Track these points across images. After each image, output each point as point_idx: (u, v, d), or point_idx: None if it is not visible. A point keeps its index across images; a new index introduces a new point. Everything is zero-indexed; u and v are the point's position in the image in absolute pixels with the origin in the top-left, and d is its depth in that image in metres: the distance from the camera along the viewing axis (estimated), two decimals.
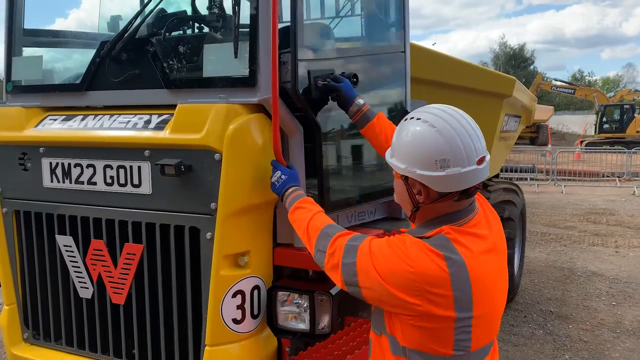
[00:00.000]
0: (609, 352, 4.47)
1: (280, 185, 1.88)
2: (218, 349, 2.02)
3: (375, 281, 1.46)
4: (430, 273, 1.41)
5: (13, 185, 2.38)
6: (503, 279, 1.61)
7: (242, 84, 1.98)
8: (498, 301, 1.57)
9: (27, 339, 2.47)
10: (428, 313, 1.43)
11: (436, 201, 1.52)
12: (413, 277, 1.42)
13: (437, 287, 1.42)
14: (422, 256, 1.44)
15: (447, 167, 1.46)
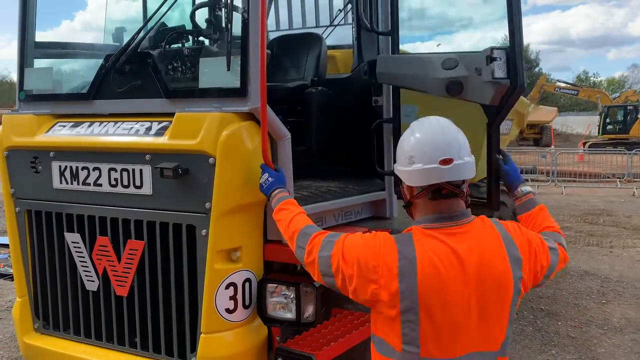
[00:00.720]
0: (595, 347, 4.62)
1: (267, 187, 2.07)
2: (212, 336, 2.21)
3: (343, 269, 1.65)
4: (384, 263, 1.59)
5: (25, 186, 2.58)
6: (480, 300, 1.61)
7: (234, 94, 2.17)
8: (460, 316, 1.59)
9: (38, 329, 2.67)
10: (380, 300, 1.60)
11: (415, 197, 1.72)
12: (371, 265, 1.61)
13: (386, 276, 1.58)
14: (384, 248, 1.63)
15: (413, 163, 1.67)
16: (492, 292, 1.63)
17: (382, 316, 1.64)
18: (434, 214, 1.68)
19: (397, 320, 1.59)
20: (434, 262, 1.59)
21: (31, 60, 2.72)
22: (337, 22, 4.12)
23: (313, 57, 3.56)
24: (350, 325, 2.45)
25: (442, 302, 1.58)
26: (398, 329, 1.60)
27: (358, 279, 1.62)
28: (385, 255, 1.61)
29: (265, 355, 2.33)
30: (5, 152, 2.61)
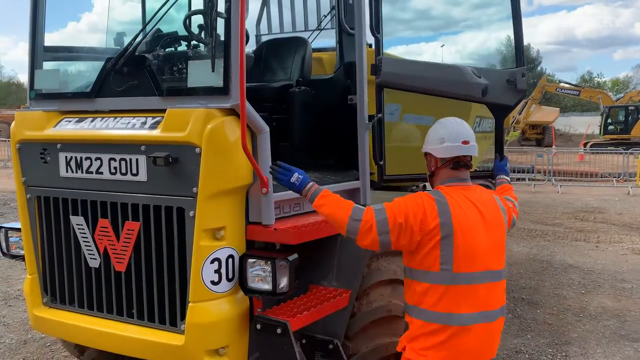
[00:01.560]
0: (569, 332, 4.89)
1: (299, 184, 2.45)
2: (199, 305, 2.51)
3: (398, 223, 2.21)
4: (426, 207, 2.25)
5: (35, 175, 2.89)
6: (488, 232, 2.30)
7: (217, 92, 2.47)
8: (479, 241, 2.26)
9: (46, 303, 2.98)
10: (426, 235, 2.22)
11: (439, 167, 2.43)
12: (417, 213, 2.23)
13: (430, 214, 2.23)
14: (423, 198, 2.30)
15: (443, 142, 2.41)
16: (495, 227, 2.35)
17: (422, 251, 2.25)
18: (451, 178, 2.41)
19: (437, 247, 2.22)
20: (458, 204, 2.28)
21: (40, 62, 3.03)
22: (323, 27, 4.41)
23: (298, 59, 3.86)
24: (323, 298, 2.75)
25: (468, 230, 2.24)
26: (437, 254, 2.23)
27: (408, 226, 2.22)
28: (425, 204, 2.25)
29: (247, 323, 2.62)
30: (17, 144, 2.92)
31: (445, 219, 2.23)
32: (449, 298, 2.23)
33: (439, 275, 2.23)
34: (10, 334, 4.72)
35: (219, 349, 2.55)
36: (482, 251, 2.27)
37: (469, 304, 2.23)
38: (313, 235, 2.67)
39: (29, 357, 4.28)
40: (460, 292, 2.23)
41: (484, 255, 2.28)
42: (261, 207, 2.59)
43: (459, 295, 2.23)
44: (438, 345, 2.24)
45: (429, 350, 2.26)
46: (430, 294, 2.25)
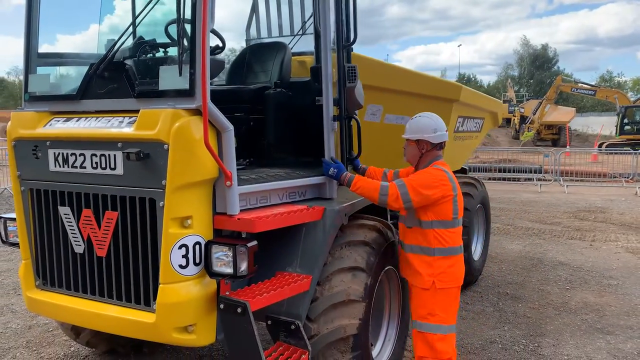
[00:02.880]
0: (546, 325, 5.05)
1: (337, 174, 3.38)
2: (169, 287, 2.78)
3: (416, 191, 3.19)
4: (440, 175, 3.29)
5: (28, 169, 3.20)
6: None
7: (184, 94, 2.73)
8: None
9: (38, 286, 3.29)
10: (441, 194, 3.24)
11: (430, 150, 3.38)
12: (433, 179, 3.26)
13: (444, 180, 3.27)
14: (435, 170, 3.33)
15: (436, 132, 3.37)
16: None
17: (439, 206, 3.25)
18: (438, 156, 3.43)
19: (450, 203, 3.29)
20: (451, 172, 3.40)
21: (34, 67, 3.34)
22: (304, 31, 4.65)
23: (278, 63, 4.11)
24: (285, 283, 3.00)
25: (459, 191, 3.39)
26: (451, 207, 3.29)
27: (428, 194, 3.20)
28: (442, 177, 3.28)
29: (214, 304, 2.88)
30: (13, 142, 3.23)
31: (453, 183, 3.31)
32: (455, 237, 3.32)
33: (452, 222, 3.30)
34: (17, 320, 5.07)
35: (187, 327, 2.82)
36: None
37: (460, 239, 3.38)
38: (274, 224, 2.92)
39: (33, 340, 4.62)
40: (458, 232, 3.36)
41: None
42: (226, 199, 2.85)
43: (459, 234, 3.37)
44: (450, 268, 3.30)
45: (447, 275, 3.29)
46: (447, 235, 3.28)
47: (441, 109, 5.27)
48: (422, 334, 3.34)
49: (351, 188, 3.32)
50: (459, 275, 3.35)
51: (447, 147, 5.59)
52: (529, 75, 61.08)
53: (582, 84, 32.11)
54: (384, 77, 4.56)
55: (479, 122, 6.41)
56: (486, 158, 19.49)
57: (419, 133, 3.37)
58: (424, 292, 3.31)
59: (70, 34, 3.60)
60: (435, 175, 3.26)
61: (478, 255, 6.25)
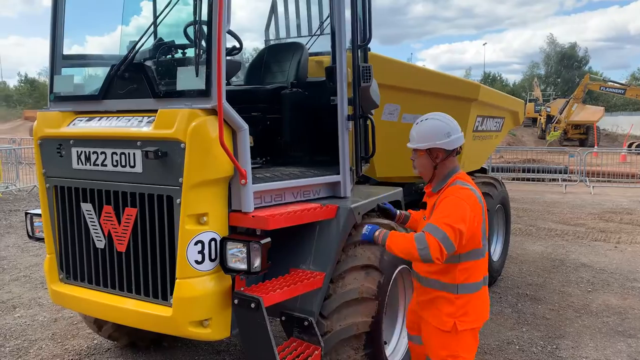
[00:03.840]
0: (565, 327, 4.99)
1: (369, 234, 2.90)
2: (185, 281, 2.86)
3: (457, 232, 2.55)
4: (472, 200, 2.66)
5: (53, 167, 3.32)
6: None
7: (201, 94, 2.81)
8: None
9: (62, 279, 3.41)
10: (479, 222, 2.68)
11: (445, 158, 2.76)
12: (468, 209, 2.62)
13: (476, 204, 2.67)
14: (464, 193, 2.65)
15: (450, 136, 2.75)
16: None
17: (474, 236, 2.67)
18: (457, 167, 2.81)
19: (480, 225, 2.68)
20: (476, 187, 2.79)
21: (59, 69, 3.47)
22: (322, 32, 4.69)
23: (295, 63, 4.17)
24: (298, 279, 3.05)
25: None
26: (480, 232, 2.70)
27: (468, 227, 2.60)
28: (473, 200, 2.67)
29: (229, 299, 2.95)
30: (39, 140, 3.36)
31: (482, 203, 2.74)
32: (482, 268, 2.77)
33: (481, 250, 2.74)
34: (44, 313, 5.24)
35: (202, 321, 2.90)
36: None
37: (486, 269, 2.82)
38: (288, 222, 2.97)
39: (58, 332, 4.77)
40: (485, 262, 2.79)
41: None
42: (241, 197, 2.91)
43: (484, 264, 2.79)
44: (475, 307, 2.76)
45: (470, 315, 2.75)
46: (474, 268, 2.74)
47: (460, 109, 5.27)
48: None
49: (387, 248, 2.80)
50: (484, 313, 2.83)
51: (466, 147, 5.63)
52: (557, 74, 59.91)
53: (612, 82, 31.33)
54: (401, 76, 4.57)
55: (499, 122, 6.36)
56: (511, 158, 19.23)
57: (429, 140, 2.73)
58: (443, 333, 2.79)
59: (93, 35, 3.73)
60: (468, 201, 2.62)
61: (497, 256, 6.20)
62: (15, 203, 11.37)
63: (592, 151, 18.42)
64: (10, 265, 6.78)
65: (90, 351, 4.39)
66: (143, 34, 3.03)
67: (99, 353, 4.35)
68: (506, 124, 6.70)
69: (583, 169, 15.55)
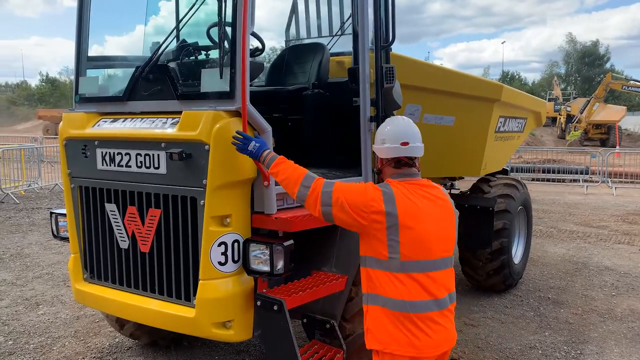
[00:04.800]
0: (589, 332, 4.90)
1: (257, 151, 2.66)
2: (208, 283, 2.87)
3: (339, 202, 2.35)
4: (372, 196, 2.33)
5: (78, 168, 3.35)
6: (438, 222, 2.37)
7: (225, 96, 2.81)
8: (428, 230, 2.32)
9: (86, 279, 3.45)
10: (370, 220, 2.30)
11: (384, 165, 2.53)
12: (363, 200, 2.33)
13: (375, 202, 2.30)
14: (370, 189, 2.38)
15: (384, 143, 2.50)
16: (445, 217, 2.44)
17: (371, 238, 2.34)
18: (395, 175, 2.48)
19: (384, 236, 2.29)
20: (405, 195, 2.35)
21: (84, 70, 3.50)
22: (343, 32, 4.67)
23: (316, 64, 4.15)
24: (321, 282, 3.03)
25: (415, 220, 2.32)
26: (385, 243, 2.30)
27: (350, 208, 2.33)
28: (372, 194, 2.34)
29: (251, 301, 2.95)
30: (64, 141, 3.40)
31: (390, 208, 2.29)
32: (401, 285, 2.28)
33: (389, 264, 2.30)
34: (66, 310, 5.31)
35: (225, 322, 2.90)
36: (431, 240, 2.33)
37: (420, 292, 2.28)
38: (310, 224, 2.96)
39: (80, 330, 4.83)
40: (411, 280, 2.28)
41: (434, 244, 2.33)
42: (264, 198, 2.91)
43: (409, 283, 2.28)
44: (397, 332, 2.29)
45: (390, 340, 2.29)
46: (383, 281, 2.32)
47: (482, 109, 5.21)
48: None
49: (270, 170, 2.62)
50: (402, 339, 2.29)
51: (488, 148, 5.58)
52: (577, 73, 58.99)
53: (634, 81, 30.72)
54: (422, 76, 4.53)
55: (521, 122, 6.27)
56: (530, 158, 18.98)
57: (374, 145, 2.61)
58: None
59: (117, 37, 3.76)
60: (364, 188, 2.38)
61: (519, 259, 6.12)
62: (37, 201, 11.56)
63: (614, 151, 18.09)
64: (33, 263, 6.89)
65: (112, 349, 4.44)
66: (167, 35, 3.04)
67: (120, 351, 4.39)
68: (528, 125, 6.61)
69: (605, 169, 15.27)
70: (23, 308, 5.33)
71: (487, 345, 4.58)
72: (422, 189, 2.42)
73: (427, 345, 2.28)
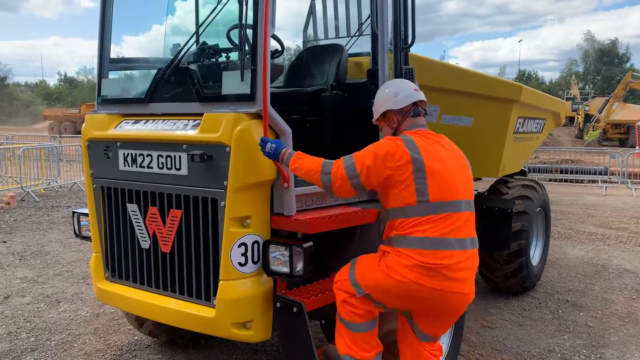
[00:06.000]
0: (609, 336, 4.84)
1: (274, 151, 2.70)
2: (228, 283, 2.89)
3: (365, 164, 2.51)
4: (395, 145, 2.52)
5: (100, 168, 3.40)
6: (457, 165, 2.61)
7: (245, 99, 2.83)
8: (449, 171, 2.52)
9: (107, 278, 3.50)
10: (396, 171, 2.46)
11: (401, 120, 2.73)
12: (385, 152, 2.50)
13: (398, 150, 2.49)
14: (390, 139, 2.60)
15: (398, 95, 2.76)
16: (461, 163, 2.68)
17: (397, 187, 2.47)
18: (413, 125, 2.70)
19: (411, 181, 2.45)
20: (425, 141, 2.58)
21: (107, 72, 3.55)
22: (361, 33, 4.67)
23: (334, 64, 4.15)
24: None
25: (437, 162, 2.50)
26: (412, 188, 2.45)
27: (376, 165, 2.49)
28: (393, 144, 2.53)
29: (270, 302, 2.97)
30: (87, 142, 3.45)
31: (414, 153, 2.46)
32: (429, 226, 2.42)
33: (418, 208, 2.43)
34: (86, 308, 5.39)
35: (245, 323, 2.92)
36: (454, 181, 2.52)
37: (447, 231, 2.43)
38: (329, 226, 2.96)
39: (100, 327, 4.90)
40: (439, 221, 2.43)
41: (458, 184, 2.53)
42: (283, 200, 2.92)
43: (437, 224, 2.42)
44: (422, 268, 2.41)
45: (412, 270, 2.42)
46: (413, 225, 2.44)
47: (501, 110, 5.17)
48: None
49: (289, 167, 2.70)
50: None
51: (506, 149, 5.53)
52: (596, 72, 58.14)
53: None
54: (440, 77, 4.50)
55: (540, 123, 6.21)
56: (547, 158, 18.76)
57: (380, 108, 2.82)
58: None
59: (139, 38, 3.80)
60: (387, 143, 2.54)
61: (537, 261, 6.06)
62: (56, 199, 11.74)
63: (634, 152, 17.80)
64: (53, 261, 7.00)
65: (131, 347, 4.49)
66: (190, 37, 3.07)
67: (139, 349, 4.45)
68: (547, 125, 6.54)
69: (624, 170, 15.04)
70: (44, 305, 5.42)
71: (504, 347, 4.55)
72: (434, 137, 2.65)
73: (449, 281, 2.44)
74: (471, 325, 4.94)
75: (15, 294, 5.73)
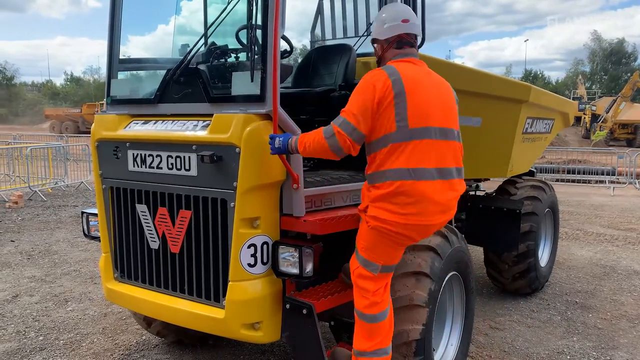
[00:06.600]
0: (619, 338, 4.80)
1: (283, 144, 2.68)
2: (238, 284, 2.89)
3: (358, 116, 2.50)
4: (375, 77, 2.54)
5: (109, 169, 3.41)
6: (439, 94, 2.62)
7: (255, 99, 2.82)
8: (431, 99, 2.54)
9: (117, 278, 3.50)
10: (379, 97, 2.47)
11: (385, 50, 2.73)
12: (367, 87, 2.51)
13: (380, 80, 2.50)
14: (370, 74, 2.60)
15: (385, 24, 2.71)
16: (445, 92, 2.69)
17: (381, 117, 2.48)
18: (399, 55, 2.69)
19: (392, 106, 2.46)
20: (407, 68, 2.57)
21: (116, 73, 3.55)
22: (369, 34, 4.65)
23: (343, 65, 4.14)
24: (348, 285, 3.03)
25: (418, 88, 2.52)
26: (392, 113, 2.46)
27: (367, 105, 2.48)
28: (373, 76, 2.54)
29: (280, 303, 2.97)
30: (96, 142, 3.46)
31: (395, 77, 2.48)
32: (409, 154, 2.47)
33: (397, 134, 2.46)
34: (94, 307, 5.41)
35: (254, 324, 2.92)
36: (434, 108, 2.54)
37: (427, 160, 2.48)
38: (338, 227, 2.96)
39: (108, 327, 4.92)
40: (418, 148, 2.47)
41: (437, 113, 2.55)
42: (292, 201, 2.92)
43: (417, 151, 2.47)
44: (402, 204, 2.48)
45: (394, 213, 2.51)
46: (391, 154, 2.48)
47: (510, 110, 5.15)
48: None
49: (301, 151, 2.66)
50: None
51: (515, 149, 5.51)
52: (603, 71, 57.81)
53: None
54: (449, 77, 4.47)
55: (549, 123, 6.17)
56: (554, 158, 18.67)
57: (372, 35, 2.81)
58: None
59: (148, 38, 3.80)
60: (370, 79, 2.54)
61: (545, 262, 6.03)
62: (64, 199, 11.79)
63: None
64: (61, 260, 7.02)
65: (139, 347, 4.50)
66: (199, 39, 3.07)
67: (147, 349, 4.45)
68: (556, 126, 6.50)
69: (632, 170, 14.93)
70: (52, 304, 5.44)
71: (513, 349, 4.53)
72: (421, 66, 2.65)
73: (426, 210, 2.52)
74: (479, 326, 4.92)
75: (23, 293, 5.76)
